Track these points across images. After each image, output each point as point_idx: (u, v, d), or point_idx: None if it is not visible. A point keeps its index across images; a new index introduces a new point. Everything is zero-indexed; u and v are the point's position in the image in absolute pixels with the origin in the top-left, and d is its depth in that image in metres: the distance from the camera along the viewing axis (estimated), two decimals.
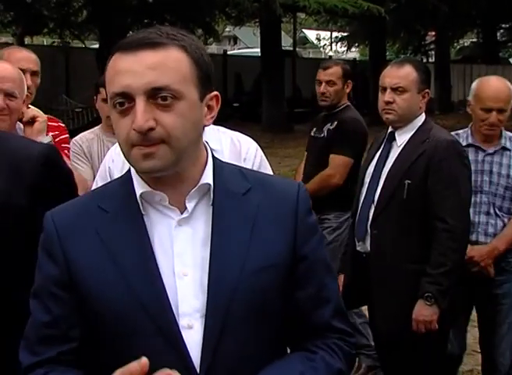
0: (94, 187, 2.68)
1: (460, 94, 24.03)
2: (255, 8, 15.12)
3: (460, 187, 3.16)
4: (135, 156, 1.40)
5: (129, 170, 1.52)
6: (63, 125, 3.50)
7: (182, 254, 1.45)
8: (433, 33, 24.99)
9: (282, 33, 20.29)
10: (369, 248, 3.25)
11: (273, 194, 1.53)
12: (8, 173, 1.97)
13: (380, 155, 3.34)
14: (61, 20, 15.74)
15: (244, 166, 1.95)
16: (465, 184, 3.20)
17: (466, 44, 34.58)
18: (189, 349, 1.42)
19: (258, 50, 20.07)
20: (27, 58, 3.32)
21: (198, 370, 1.41)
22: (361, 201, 3.34)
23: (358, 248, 3.35)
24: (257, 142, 2.65)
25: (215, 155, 2.77)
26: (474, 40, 31.93)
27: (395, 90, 3.23)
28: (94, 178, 3.01)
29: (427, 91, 3.30)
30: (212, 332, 1.42)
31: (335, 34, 30.37)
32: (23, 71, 3.28)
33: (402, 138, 3.28)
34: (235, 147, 2.56)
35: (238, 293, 1.42)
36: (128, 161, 1.44)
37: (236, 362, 1.44)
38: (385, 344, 3.38)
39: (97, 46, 18.42)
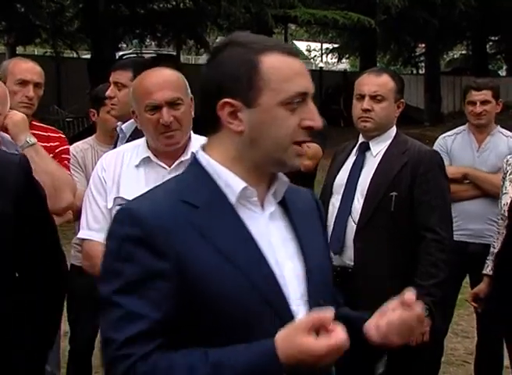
0: (85, 197, 2.68)
1: (450, 105, 24.13)
2: (247, 19, 15.17)
3: (446, 199, 3.17)
4: (293, 152, 1.54)
5: (196, 163, 1.57)
6: (64, 136, 3.50)
7: (278, 245, 1.56)
8: (423, 45, 25.11)
9: None
10: (352, 262, 3.15)
11: (301, 198, 1.71)
12: None
13: (353, 166, 3.27)
14: (53, 30, 15.73)
15: None
16: (448, 196, 3.22)
17: (455, 57, 34.77)
18: None
19: None
20: (31, 69, 3.33)
21: None
22: (335, 212, 3.24)
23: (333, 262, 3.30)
24: None
25: None
26: (464, 52, 32.11)
27: (373, 98, 3.17)
28: None
29: (402, 100, 3.27)
30: None
31: (325, 46, 30.49)
32: (27, 82, 3.29)
33: (377, 148, 3.23)
34: None
35: (326, 279, 1.59)
36: (279, 157, 1.54)
37: None
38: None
39: (88, 56, 18.43)
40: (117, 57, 16.02)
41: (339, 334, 1.37)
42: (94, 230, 2.61)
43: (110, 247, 1.51)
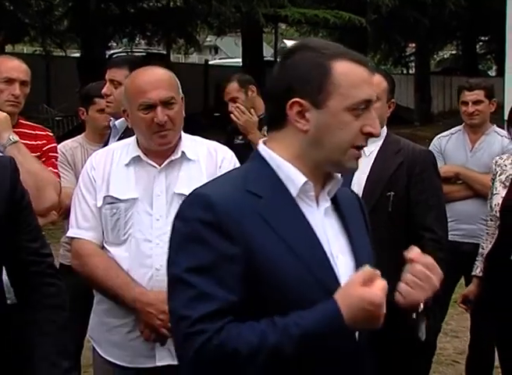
0: (75, 196, 2.66)
1: (440, 105, 24.20)
2: (237, 18, 15.15)
3: (440, 198, 3.19)
4: (351, 155, 1.64)
5: (259, 157, 1.65)
6: (51, 134, 3.48)
7: (332, 240, 1.66)
8: (413, 44, 25.17)
9: (264, 43, 20.35)
10: None
11: (347, 197, 1.79)
12: None
13: None
14: (43, 28, 15.67)
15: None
16: (442, 195, 3.25)
17: (446, 56, 34.89)
18: None
19: (240, 60, 20.09)
20: (18, 67, 3.31)
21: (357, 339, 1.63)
22: None
23: None
24: None
25: (192, 166, 2.77)
26: (454, 52, 32.22)
27: None
28: None
29: (393, 101, 3.30)
30: None
31: None
32: (13, 80, 3.27)
33: (370, 148, 3.18)
34: (211, 156, 2.62)
35: None
36: (338, 159, 1.63)
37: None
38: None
39: (77, 55, 18.38)
40: (107, 56, 15.97)
41: (381, 281, 1.52)
42: (83, 228, 2.59)
43: (181, 228, 1.58)
